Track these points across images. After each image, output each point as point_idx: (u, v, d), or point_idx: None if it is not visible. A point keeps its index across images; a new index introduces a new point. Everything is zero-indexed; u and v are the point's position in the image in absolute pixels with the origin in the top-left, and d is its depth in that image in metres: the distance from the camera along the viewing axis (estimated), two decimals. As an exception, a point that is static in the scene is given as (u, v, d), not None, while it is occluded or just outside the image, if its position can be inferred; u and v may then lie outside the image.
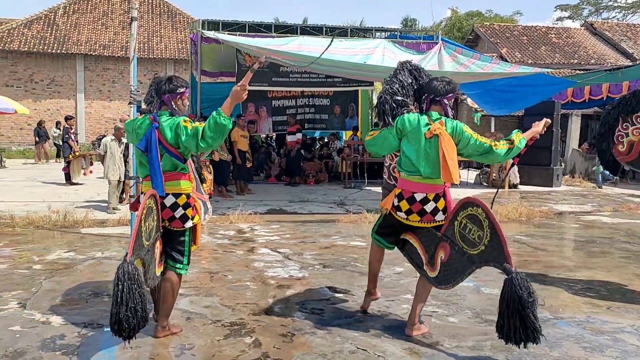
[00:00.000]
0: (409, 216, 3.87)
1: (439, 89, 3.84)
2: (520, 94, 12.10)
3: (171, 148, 3.67)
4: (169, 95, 3.75)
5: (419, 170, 3.80)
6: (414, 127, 3.81)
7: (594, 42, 29.40)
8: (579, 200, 12.04)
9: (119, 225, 7.93)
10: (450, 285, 3.77)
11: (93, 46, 24.82)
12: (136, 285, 3.16)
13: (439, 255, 3.77)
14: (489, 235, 3.48)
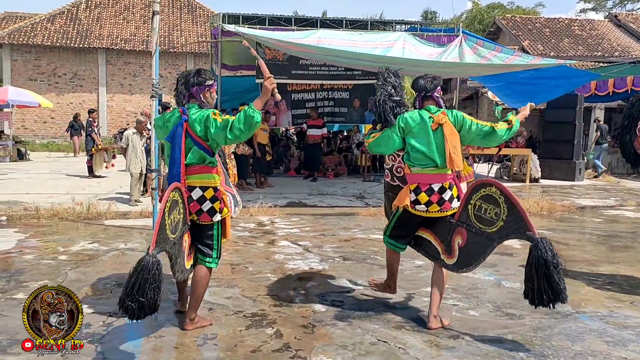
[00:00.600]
0: (429, 207, 3.95)
1: (428, 85, 4.03)
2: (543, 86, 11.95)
3: (200, 141, 3.70)
4: (197, 87, 3.78)
5: (435, 161, 3.92)
6: (418, 123, 3.97)
7: (618, 34, 28.88)
8: (601, 194, 11.89)
9: (141, 217, 8.03)
10: (471, 267, 3.84)
11: (115, 40, 25.07)
12: (151, 280, 3.13)
13: (456, 242, 3.88)
14: (506, 211, 3.58)
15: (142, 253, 5.94)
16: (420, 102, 4.09)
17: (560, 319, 4.17)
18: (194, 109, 3.76)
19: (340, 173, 13.97)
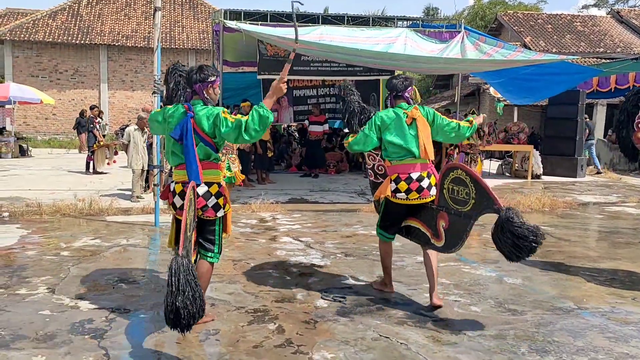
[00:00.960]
0: (408, 195, 4.32)
1: (399, 85, 4.43)
2: (545, 82, 11.92)
3: (207, 137, 3.72)
4: (200, 84, 3.78)
5: (412, 152, 4.32)
6: (393, 119, 4.37)
7: (620, 30, 28.80)
8: (603, 191, 11.88)
9: (143, 213, 8.04)
10: (458, 247, 4.13)
11: (116, 37, 25.08)
12: (191, 276, 3.12)
13: (441, 225, 4.21)
14: (474, 189, 3.95)
15: (144, 249, 5.99)
16: (392, 101, 4.50)
17: (562, 315, 4.17)
18: (199, 105, 3.77)
19: (342, 169, 13.96)
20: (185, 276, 3.09)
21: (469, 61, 10.41)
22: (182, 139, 3.68)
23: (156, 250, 5.89)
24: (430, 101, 28.15)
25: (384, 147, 4.42)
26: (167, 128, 3.84)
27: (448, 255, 5.92)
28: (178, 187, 3.78)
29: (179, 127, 3.71)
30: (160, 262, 5.40)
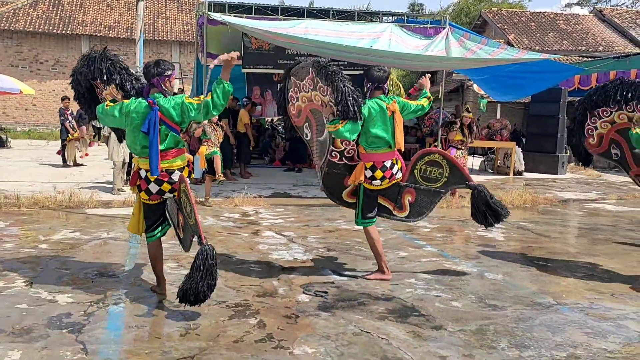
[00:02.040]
0: (382, 182, 4.69)
1: (382, 77, 4.67)
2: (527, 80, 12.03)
3: (174, 125, 4.01)
4: (157, 78, 4.03)
5: (389, 143, 4.65)
6: (379, 111, 4.59)
7: (603, 29, 29.12)
8: (583, 187, 12.02)
9: (124, 206, 7.96)
10: (424, 216, 4.92)
11: (98, 27, 24.75)
12: (215, 263, 3.61)
13: (406, 199, 4.82)
14: (448, 169, 4.74)
15: (125, 242, 5.93)
16: (371, 92, 4.70)
17: (542, 310, 4.21)
18: (161, 98, 4.02)
19: (325, 164, 13.94)
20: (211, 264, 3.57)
21: (453, 59, 10.45)
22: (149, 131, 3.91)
23: (137, 244, 5.83)
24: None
25: (364, 135, 4.63)
26: (129, 123, 4.04)
27: (430, 251, 5.96)
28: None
29: (147, 121, 3.92)
30: (141, 256, 5.34)
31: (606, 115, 5.43)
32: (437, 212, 5.20)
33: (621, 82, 5.28)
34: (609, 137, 5.50)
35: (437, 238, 6.62)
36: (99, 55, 4.49)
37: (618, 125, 5.40)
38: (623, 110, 5.32)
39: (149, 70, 4.03)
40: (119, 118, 4.08)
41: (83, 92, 4.68)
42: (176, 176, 4.01)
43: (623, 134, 5.42)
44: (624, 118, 5.36)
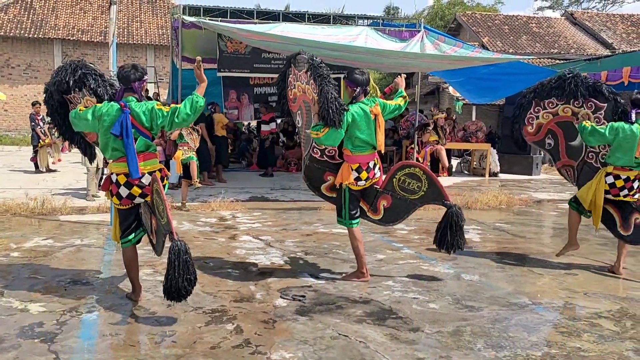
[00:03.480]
0: (366, 182, 4.80)
1: (365, 80, 4.75)
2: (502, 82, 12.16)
3: (145, 130, 4.02)
4: (138, 82, 4.08)
5: (373, 145, 4.74)
6: (362, 116, 4.65)
7: (574, 32, 29.65)
8: (557, 188, 12.20)
9: (99, 212, 7.84)
10: (397, 222, 5.05)
11: (71, 31, 24.39)
12: (189, 257, 3.62)
13: (381, 204, 4.89)
14: (427, 184, 4.78)
15: (99, 249, 5.84)
16: (358, 96, 4.75)
17: (517, 311, 4.25)
18: (133, 101, 4.03)
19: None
20: (186, 258, 3.58)
21: (429, 56, 10.52)
22: (122, 135, 3.92)
23: (112, 250, 5.75)
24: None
25: (350, 139, 4.69)
26: (100, 126, 4.05)
27: (407, 253, 5.98)
28: (122, 179, 4.02)
29: (118, 124, 3.93)
30: (116, 263, 5.26)
31: (551, 107, 5.55)
32: (414, 215, 5.18)
33: (576, 77, 5.38)
34: (547, 128, 5.66)
35: (415, 240, 6.65)
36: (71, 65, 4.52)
37: (560, 117, 5.55)
38: (570, 104, 5.44)
39: (128, 74, 4.04)
40: (91, 122, 4.09)
41: (56, 107, 4.63)
42: (146, 179, 4.01)
43: (562, 126, 5.56)
44: (567, 112, 5.48)
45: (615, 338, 3.75)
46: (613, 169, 5.08)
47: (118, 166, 4.06)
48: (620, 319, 4.14)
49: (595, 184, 5.15)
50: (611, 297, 4.66)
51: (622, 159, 5.01)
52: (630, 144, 4.93)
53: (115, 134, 3.93)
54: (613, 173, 5.08)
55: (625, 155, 4.99)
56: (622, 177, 5.05)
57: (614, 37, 28.93)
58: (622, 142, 4.96)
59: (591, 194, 5.16)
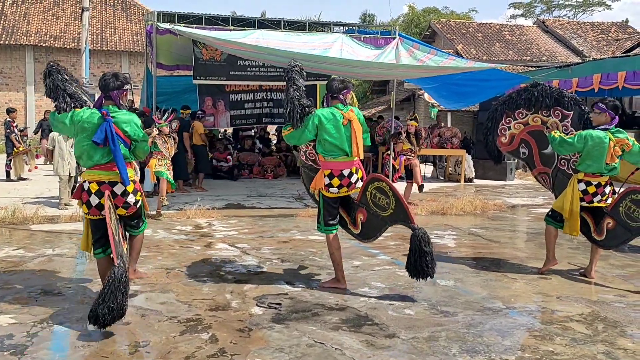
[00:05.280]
0: (340, 190, 4.73)
1: (335, 87, 4.74)
2: (476, 88, 12.32)
3: (126, 139, 4.06)
4: (117, 91, 4.10)
5: (345, 151, 4.68)
6: (331, 120, 4.65)
7: (546, 40, 30.18)
8: (530, 193, 12.37)
9: (71, 221, 7.71)
10: (372, 239, 4.91)
11: (43, 37, 24.03)
12: (122, 287, 3.50)
13: (359, 217, 4.83)
14: (394, 202, 4.58)
15: (72, 259, 5.75)
16: (328, 101, 4.83)
17: (492, 315, 4.29)
18: (114, 110, 4.06)
19: (279, 174, 13.91)
20: (116, 286, 3.47)
21: (403, 67, 10.61)
22: (105, 143, 3.93)
23: (84, 260, 5.65)
24: (367, 106, 28.54)
25: (320, 143, 4.73)
26: (79, 132, 4.06)
27: (383, 260, 6.00)
28: (93, 187, 4.03)
29: (101, 132, 3.91)
30: (88, 272, 5.18)
31: (521, 117, 5.73)
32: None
33: (543, 88, 5.58)
34: (520, 138, 5.82)
35: (391, 246, 6.68)
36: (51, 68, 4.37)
37: (531, 127, 5.72)
38: (539, 114, 5.63)
39: (108, 83, 4.06)
40: (68, 126, 4.12)
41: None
42: (119, 189, 4.02)
43: (534, 135, 5.72)
44: (537, 121, 5.67)
45: (587, 341, 3.81)
46: (584, 176, 5.17)
47: (92, 174, 4.06)
48: (592, 322, 4.20)
49: (569, 192, 5.23)
50: (583, 300, 4.73)
51: (592, 166, 5.10)
52: (599, 151, 5.03)
53: (97, 141, 3.92)
54: (584, 180, 5.17)
55: (595, 162, 5.08)
56: (594, 183, 5.15)
57: (584, 45, 29.53)
58: (591, 150, 5.05)
59: (568, 203, 5.23)
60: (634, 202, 5.11)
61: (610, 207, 5.23)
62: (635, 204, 5.11)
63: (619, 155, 5.05)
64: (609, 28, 32.20)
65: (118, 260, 3.54)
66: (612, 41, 30.16)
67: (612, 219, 5.21)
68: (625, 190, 5.21)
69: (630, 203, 5.13)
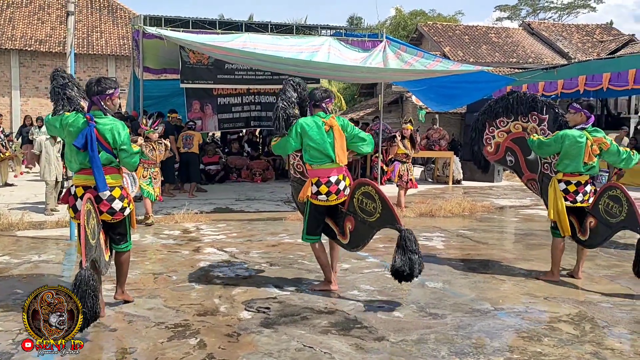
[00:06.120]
0: (329, 197, 4.72)
1: (317, 96, 4.82)
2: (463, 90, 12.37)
3: (108, 146, 4.02)
4: (98, 96, 4.05)
5: (330, 157, 4.71)
6: (313, 127, 4.71)
7: (532, 42, 30.42)
8: (518, 194, 12.44)
9: (58, 227, 7.64)
10: (360, 247, 4.81)
11: (29, 41, 23.85)
12: (90, 290, 3.37)
13: (347, 226, 4.75)
14: (381, 206, 4.51)
15: (58, 265, 5.70)
16: (311, 109, 4.89)
17: (480, 317, 4.30)
18: (100, 116, 4.05)
19: (267, 178, 13.88)
20: (85, 290, 3.34)
21: (390, 70, 10.65)
22: (85, 147, 3.92)
23: (71, 266, 5.61)
24: (355, 109, 28.60)
25: (306, 151, 4.78)
26: (66, 135, 4.07)
27: (372, 262, 6.01)
28: (79, 191, 4.01)
29: (82, 136, 3.92)
30: (75, 279, 5.12)
31: (503, 125, 5.82)
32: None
33: (519, 95, 5.69)
34: (505, 146, 5.88)
35: (380, 249, 6.68)
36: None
37: (513, 134, 5.80)
38: (518, 120, 5.73)
39: (89, 87, 4.05)
40: (58, 129, 4.14)
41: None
42: (105, 194, 3.99)
43: (518, 142, 5.78)
44: (518, 128, 5.75)
45: (574, 342, 3.84)
46: (563, 176, 5.22)
47: (78, 178, 4.07)
48: (579, 322, 4.23)
49: (552, 193, 5.28)
50: (571, 301, 4.76)
51: (570, 165, 5.15)
52: (576, 150, 5.08)
53: (77, 145, 3.92)
54: (564, 179, 5.22)
55: (573, 162, 5.12)
56: (573, 182, 5.18)
57: (569, 47, 29.79)
58: (568, 149, 5.10)
59: (552, 203, 5.26)
60: (611, 198, 5.11)
61: (591, 206, 5.26)
62: (612, 199, 5.11)
63: (597, 154, 5.11)
64: (594, 30, 32.53)
65: (86, 263, 3.45)
66: (596, 43, 30.45)
67: (593, 218, 5.24)
68: (602, 187, 5.25)
69: (608, 199, 5.13)
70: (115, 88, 4.12)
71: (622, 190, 5.05)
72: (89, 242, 3.59)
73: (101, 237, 3.98)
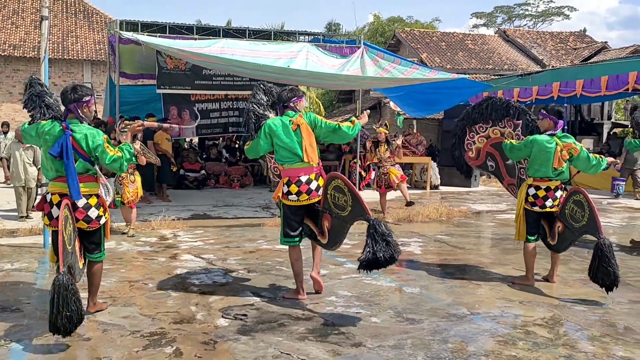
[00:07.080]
0: (299, 197, 4.67)
1: (284, 96, 4.86)
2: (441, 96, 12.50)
3: (85, 154, 4.01)
4: (75, 104, 4.05)
5: (299, 157, 4.69)
6: (279, 127, 4.72)
7: (507, 49, 30.86)
8: (494, 199, 12.58)
9: (31, 234, 7.50)
10: (337, 245, 4.76)
11: (2, 46, 23.44)
12: (71, 293, 3.46)
13: (325, 225, 4.69)
14: (351, 199, 4.43)
15: (30, 273, 5.60)
16: (281, 111, 4.88)
17: (456, 321, 4.33)
18: (76, 124, 4.05)
19: (246, 184, 13.84)
20: (66, 294, 3.43)
21: (369, 78, 10.71)
22: (61, 156, 3.90)
23: (45, 274, 5.51)
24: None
25: (276, 152, 4.81)
26: (42, 143, 4.07)
27: (350, 268, 6.01)
28: (55, 198, 4.00)
29: (58, 144, 3.92)
30: (48, 287, 5.02)
31: (482, 130, 5.96)
32: (357, 228, 5.16)
33: (493, 101, 5.82)
34: (485, 151, 6.01)
35: (357, 254, 6.65)
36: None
37: (492, 139, 5.93)
38: (496, 126, 5.87)
39: (65, 95, 4.04)
40: (34, 137, 4.16)
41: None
42: (82, 202, 3.99)
43: (497, 147, 5.89)
44: (497, 133, 5.89)
45: (549, 345, 3.89)
46: (533, 181, 5.31)
47: (54, 186, 4.06)
48: (553, 326, 4.29)
49: (518, 197, 5.41)
50: (545, 305, 4.82)
51: (540, 171, 5.24)
52: (546, 155, 5.16)
53: (53, 154, 3.92)
54: (534, 184, 5.30)
55: (542, 167, 5.21)
56: (543, 187, 5.26)
57: (544, 54, 30.29)
58: (537, 154, 5.19)
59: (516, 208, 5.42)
60: (575, 203, 5.15)
61: (559, 211, 5.33)
62: (576, 204, 5.14)
63: (567, 159, 5.20)
64: (568, 37, 33.14)
65: (64, 268, 3.48)
66: (570, 50, 31.03)
67: (561, 222, 5.31)
68: (568, 192, 5.29)
69: (573, 204, 5.17)
70: (91, 95, 4.11)
71: (585, 195, 5.08)
72: (66, 248, 3.60)
73: (76, 244, 3.97)
